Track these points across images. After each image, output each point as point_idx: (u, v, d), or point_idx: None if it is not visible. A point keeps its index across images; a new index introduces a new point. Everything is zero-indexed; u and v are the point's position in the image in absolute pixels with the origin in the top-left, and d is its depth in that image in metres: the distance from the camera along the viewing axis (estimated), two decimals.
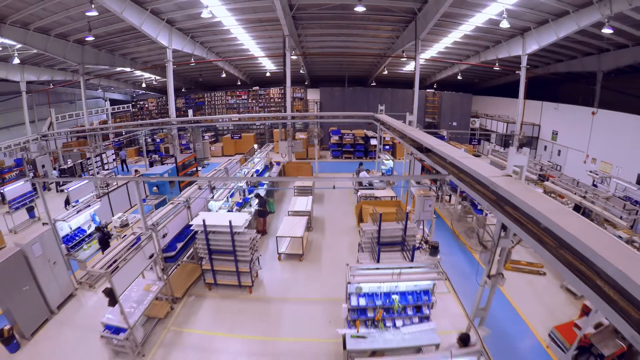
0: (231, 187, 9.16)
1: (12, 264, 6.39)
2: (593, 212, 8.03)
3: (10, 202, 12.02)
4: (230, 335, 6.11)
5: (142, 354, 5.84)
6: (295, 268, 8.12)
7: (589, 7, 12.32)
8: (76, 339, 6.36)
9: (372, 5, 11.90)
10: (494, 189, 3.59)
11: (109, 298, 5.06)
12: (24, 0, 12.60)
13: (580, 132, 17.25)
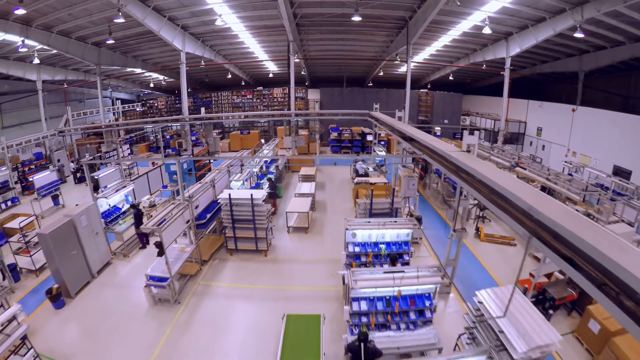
0: (246, 173, 10.61)
1: (64, 231, 7.77)
2: (555, 191, 9.53)
3: (38, 190, 13.43)
4: (251, 286, 7.55)
5: (179, 302, 7.25)
6: (301, 238, 9.62)
7: (563, 13, 13.89)
8: (116, 296, 7.72)
9: (367, 14, 13.43)
10: (452, 160, 5.01)
11: (158, 249, 6.48)
12: (52, 5, 14.02)
13: (562, 128, 18.80)
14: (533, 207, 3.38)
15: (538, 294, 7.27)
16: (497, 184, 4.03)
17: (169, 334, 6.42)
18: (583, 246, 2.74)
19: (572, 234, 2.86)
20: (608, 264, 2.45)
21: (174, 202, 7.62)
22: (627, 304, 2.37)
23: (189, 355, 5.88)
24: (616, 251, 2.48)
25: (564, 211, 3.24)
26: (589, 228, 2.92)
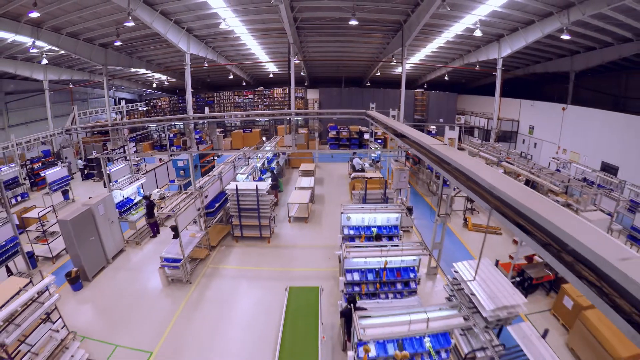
0: (250, 167, 11.35)
1: (83, 219, 8.50)
2: (538, 184, 10.28)
3: (50, 184, 14.16)
4: (256, 268, 8.30)
5: (190, 282, 7.99)
6: (301, 227, 10.37)
7: (550, 16, 14.66)
8: (131, 278, 8.45)
9: (364, 18, 14.19)
10: (433, 152, 5.74)
11: (174, 232, 7.21)
12: (63, 9, 14.73)
13: (552, 126, 19.56)
14: (493, 186, 4.12)
15: (518, 274, 8.02)
16: (467, 169, 4.76)
17: (182, 310, 7.15)
18: (531, 214, 3.47)
19: (522, 205, 3.61)
20: (550, 227, 3.17)
21: (186, 192, 8.35)
22: (566, 258, 3.10)
23: (201, 328, 6.61)
24: (557, 217, 3.21)
25: (519, 188, 3.98)
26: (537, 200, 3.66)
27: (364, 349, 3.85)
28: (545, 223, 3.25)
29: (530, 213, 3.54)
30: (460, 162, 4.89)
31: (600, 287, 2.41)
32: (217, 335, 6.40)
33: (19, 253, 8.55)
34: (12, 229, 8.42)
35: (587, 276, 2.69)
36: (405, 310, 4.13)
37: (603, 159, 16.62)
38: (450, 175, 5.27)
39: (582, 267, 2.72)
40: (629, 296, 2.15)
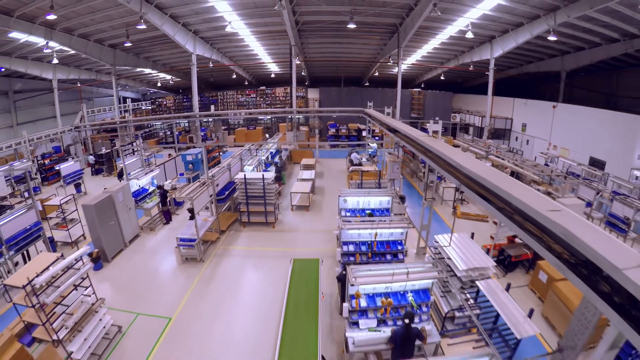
0: (256, 160, 12.29)
1: (105, 204, 9.41)
2: (522, 174, 11.20)
3: (64, 177, 15.09)
4: (262, 249, 9.22)
5: (203, 260, 8.90)
6: (303, 214, 11.30)
7: (538, 19, 15.60)
8: (148, 259, 9.35)
9: (361, 21, 15.14)
10: (419, 142, 6.66)
11: (190, 214, 8.12)
12: (77, 12, 15.68)
13: (544, 123, 20.48)
14: (461, 165, 5.05)
15: (499, 253, 8.92)
16: (443, 154, 5.71)
17: (196, 284, 8.06)
18: (491, 186, 4.39)
19: (482, 178, 4.53)
20: (505, 195, 4.08)
21: (200, 180, 9.27)
22: (517, 218, 4.00)
23: (214, 298, 7.51)
24: (506, 185, 4.13)
25: (481, 167, 4.91)
26: (494, 175, 4.59)
27: (355, 294, 4.74)
28: (498, 190, 4.20)
29: (487, 183, 4.50)
30: (439, 149, 5.83)
31: (537, 235, 3.34)
32: (229, 304, 7.31)
33: (41, 237, 9.45)
34: (36, 215, 9.35)
35: (528, 227, 3.63)
36: (390, 266, 5.03)
37: (591, 155, 17.53)
38: (432, 160, 6.21)
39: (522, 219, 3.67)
40: (558, 239, 3.07)
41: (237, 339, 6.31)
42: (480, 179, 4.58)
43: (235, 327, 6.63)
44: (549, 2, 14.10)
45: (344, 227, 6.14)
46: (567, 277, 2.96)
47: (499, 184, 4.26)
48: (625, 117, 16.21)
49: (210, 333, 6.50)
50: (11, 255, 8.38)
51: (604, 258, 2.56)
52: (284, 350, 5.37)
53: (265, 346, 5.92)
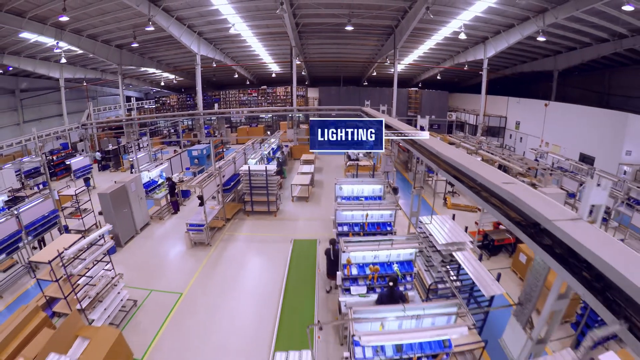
0: (259, 154, 13.12)
1: (119, 193, 10.20)
2: (509, 167, 12.00)
3: (74, 171, 15.92)
4: (265, 235, 10.02)
5: (210, 244, 9.70)
6: (303, 205, 12.12)
7: (528, 20, 16.39)
8: (159, 244, 10.16)
9: (359, 23, 15.97)
10: (407, 135, 7.46)
11: (200, 201, 8.92)
12: (88, 13, 16.49)
13: (536, 121, 21.26)
14: (440, 152, 5.86)
15: (483, 238, 9.71)
16: (426, 143, 6.52)
17: (205, 265, 8.86)
18: (464, 169, 5.18)
19: (459, 164, 5.33)
20: (475, 176, 4.87)
21: (208, 171, 10.08)
22: (484, 194, 4.80)
23: (222, 276, 8.31)
24: (475, 167, 4.93)
25: (456, 153, 5.71)
26: (465, 159, 5.39)
27: (347, 261, 5.54)
28: (468, 171, 5.02)
29: (459, 165, 5.31)
30: (422, 140, 6.64)
31: (497, 205, 4.15)
32: (236, 280, 8.11)
33: (57, 225, 10.26)
34: (53, 203, 10.17)
35: (486, 197, 4.44)
36: (377, 237, 5.83)
37: (581, 151, 18.31)
38: (417, 150, 7.03)
39: (484, 191, 4.48)
40: (513, 207, 3.87)
41: (243, 310, 7.10)
42: (453, 162, 5.39)
43: (241, 300, 7.42)
44: (537, 4, 14.89)
45: (339, 208, 6.94)
46: (519, 237, 3.76)
47: (467, 165, 5.08)
48: (613, 114, 17.00)
49: (218, 306, 7.30)
50: (30, 241, 9.17)
51: (539, 213, 3.37)
52: (285, 316, 6.19)
53: (269, 314, 6.71)
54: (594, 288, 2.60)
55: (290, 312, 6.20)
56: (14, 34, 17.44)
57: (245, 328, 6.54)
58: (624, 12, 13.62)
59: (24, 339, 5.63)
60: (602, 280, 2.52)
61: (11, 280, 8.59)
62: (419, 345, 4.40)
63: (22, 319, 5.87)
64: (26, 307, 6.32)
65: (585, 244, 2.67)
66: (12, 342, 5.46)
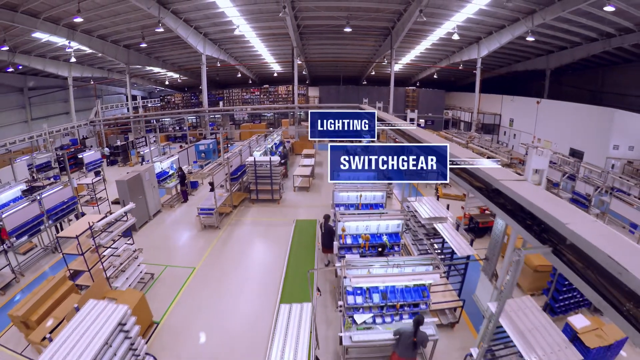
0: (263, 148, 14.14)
1: (135, 181, 11.16)
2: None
3: (86, 165, 16.90)
4: (269, 219, 11.00)
5: (219, 227, 10.67)
6: (304, 194, 13.12)
7: (518, 21, 17.39)
8: (171, 228, 11.13)
9: (357, 25, 16.98)
10: (396, 126, 8.45)
11: (211, 186, 9.90)
12: (100, 15, 17.51)
13: (529, 118, 22.24)
14: (422, 138, 6.84)
15: (469, 221, 10.67)
16: (411, 131, 7.51)
17: (214, 245, 9.83)
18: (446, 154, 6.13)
19: (439, 147, 6.29)
20: (455, 159, 5.83)
21: (217, 161, 11.07)
22: (464, 175, 5.77)
23: (230, 254, 9.28)
24: (461, 155, 5.89)
25: (434, 138, 6.70)
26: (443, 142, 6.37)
27: (342, 229, 6.51)
28: (454, 157, 5.97)
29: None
30: (408, 130, 7.64)
31: (465, 178, 5.13)
32: (243, 256, 9.08)
33: (75, 211, 11.22)
34: (72, 191, 11.14)
35: (458, 172, 5.41)
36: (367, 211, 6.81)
37: (571, 146, 19.28)
38: (404, 138, 8.02)
39: (457, 169, 5.45)
40: (480, 180, 4.84)
41: (250, 280, 8.07)
42: (468, 164, 6.37)
43: (249, 272, 8.40)
44: (525, 6, 15.89)
45: (336, 189, 7.92)
46: (482, 201, 4.74)
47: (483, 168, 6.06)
48: (600, 110, 17.99)
49: (228, 277, 8.27)
50: (50, 224, 10.11)
51: (491, 176, 4.36)
52: (287, 283, 7.15)
53: (273, 283, 7.67)
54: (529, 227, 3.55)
55: (292, 279, 7.15)
56: (26, 34, 18.40)
57: (252, 292, 7.52)
58: (609, 12, 14.54)
59: (53, 303, 6.40)
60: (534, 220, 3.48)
61: (30, 262, 9.34)
62: (401, 294, 5.37)
63: (51, 287, 6.64)
64: (53, 277, 7.13)
65: (522, 194, 3.66)
66: (42, 306, 6.27)
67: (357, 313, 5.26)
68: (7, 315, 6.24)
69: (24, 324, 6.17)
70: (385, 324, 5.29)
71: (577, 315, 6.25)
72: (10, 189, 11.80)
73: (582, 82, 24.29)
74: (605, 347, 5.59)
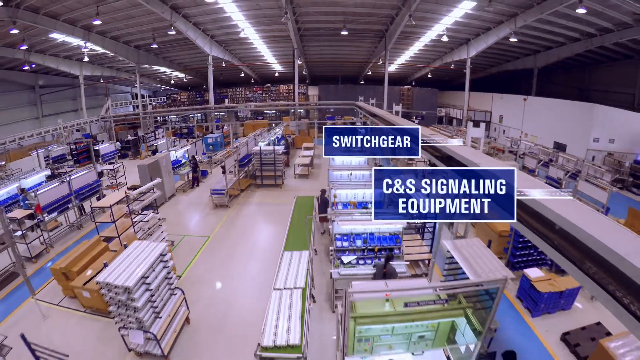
0: (267, 140, 15.84)
1: (154, 166, 12.80)
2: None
3: (102, 156, 18.56)
4: (272, 200, 12.64)
5: (229, 207, 12.31)
6: (304, 180, 14.80)
7: (502, 23, 19.04)
8: (186, 208, 12.77)
9: (353, 28, 18.69)
10: (385, 118, 10.11)
11: (223, 170, 11.55)
12: (115, 18, 19.21)
13: (517, 114, 23.84)
14: (395, 122, 8.49)
15: None
16: (395, 121, 9.14)
17: (225, 220, 11.46)
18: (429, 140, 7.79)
19: (437, 143, 7.95)
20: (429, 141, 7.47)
21: (227, 149, 12.71)
22: (436, 154, 7.40)
23: (240, 226, 10.90)
24: (432, 137, 7.55)
25: (407, 122, 8.34)
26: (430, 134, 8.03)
27: (334, 196, 8.13)
28: (438, 146, 7.61)
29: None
30: (394, 120, 9.30)
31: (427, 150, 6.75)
32: (252, 227, 10.72)
33: (98, 193, 12.84)
34: (96, 174, 12.78)
35: (430, 151, 7.03)
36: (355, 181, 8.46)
37: (555, 139, 20.87)
38: (382, 122, 9.66)
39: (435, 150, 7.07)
40: (434, 147, 6.48)
41: (258, 246, 9.70)
42: (427, 138, 7.98)
43: (256, 240, 10.03)
44: (507, 9, 17.56)
45: (330, 169, 9.57)
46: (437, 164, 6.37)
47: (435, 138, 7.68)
48: (581, 105, 19.61)
49: (239, 242, 9.90)
50: (77, 204, 11.72)
51: (440, 144, 5.99)
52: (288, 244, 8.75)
53: (277, 247, 9.28)
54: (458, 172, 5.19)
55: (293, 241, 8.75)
56: (44, 34, 20.06)
57: (259, 252, 9.16)
58: (584, 14, 15.95)
59: (90, 259, 7.87)
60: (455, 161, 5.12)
61: (57, 238, 10.77)
62: (378, 240, 6.98)
63: (87, 247, 8.13)
64: (88, 241, 8.70)
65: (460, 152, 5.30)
66: (80, 261, 7.73)
67: (344, 255, 6.87)
68: (49, 269, 7.71)
69: (64, 275, 7.51)
70: (366, 264, 6.90)
71: (532, 268, 7.79)
72: (37, 174, 13.53)
73: (571, 80, 25.93)
74: (557, 293, 6.80)
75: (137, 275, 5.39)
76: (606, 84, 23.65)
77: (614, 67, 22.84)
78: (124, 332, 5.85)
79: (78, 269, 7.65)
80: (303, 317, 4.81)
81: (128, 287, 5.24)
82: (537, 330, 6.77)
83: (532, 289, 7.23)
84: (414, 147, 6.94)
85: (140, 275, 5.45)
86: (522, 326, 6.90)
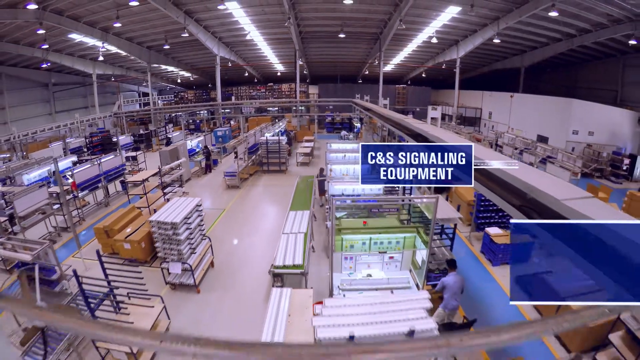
0: (272, 132, 17.93)
1: (174, 152, 14.88)
2: None
3: (121, 147, 20.58)
4: (277, 183, 14.73)
5: (240, 187, 14.36)
6: (305, 167, 16.94)
7: (487, 26, 21.12)
8: (201, 189, 14.84)
9: (350, 31, 20.82)
10: (376, 111, 12.17)
11: (235, 155, 13.62)
12: (131, 20, 21.31)
13: (505, 111, 25.86)
14: (393, 117, 10.56)
15: None
16: (386, 113, 11.21)
17: (236, 200, 13.51)
18: (404, 123, 9.90)
19: (402, 121, 10.05)
20: (401, 122, 9.57)
21: (238, 139, 14.79)
22: (420, 139, 9.46)
23: (250, 202, 12.95)
24: (416, 125, 9.64)
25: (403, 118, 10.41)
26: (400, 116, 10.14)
27: (329, 170, 10.19)
28: (407, 124, 9.74)
29: (403, 122, 10.04)
30: (385, 112, 11.37)
31: (406, 132, 8.84)
32: (261, 203, 12.78)
33: (123, 177, 14.85)
34: (121, 160, 14.82)
35: (402, 130, 9.15)
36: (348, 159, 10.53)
37: (538, 133, 22.87)
38: (383, 120, 11.76)
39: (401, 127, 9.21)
40: (409, 129, 8.57)
41: (267, 214, 11.75)
42: (400, 121, 10.06)
43: (265, 212, 12.08)
44: (490, 14, 19.65)
45: (328, 152, 11.66)
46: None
47: (396, 118, 9.77)
48: (560, 101, 21.64)
49: (251, 212, 11.95)
50: (104, 184, 13.72)
51: (408, 124, 8.09)
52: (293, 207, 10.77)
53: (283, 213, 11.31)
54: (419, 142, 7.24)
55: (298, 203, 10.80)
56: (64, 34, 22.06)
57: (269, 217, 11.24)
58: (559, 16, 17.83)
59: (127, 221, 9.72)
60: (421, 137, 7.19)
61: (85, 214, 12.45)
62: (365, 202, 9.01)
63: (123, 213, 10.04)
64: (123, 209, 10.72)
65: (423, 128, 7.38)
66: (119, 222, 9.53)
67: (337, 212, 8.88)
68: (93, 229, 9.42)
69: (106, 233, 9.32)
70: None
71: (492, 227, 9.77)
72: (65, 159, 15.65)
73: (558, 78, 27.99)
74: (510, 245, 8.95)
75: (182, 215, 7.44)
76: (591, 82, 25.69)
77: (598, 65, 24.87)
78: (165, 265, 7.83)
79: (118, 227, 9.63)
80: (305, 249, 6.83)
81: (175, 223, 7.26)
82: (496, 276, 8.69)
83: (492, 243, 9.19)
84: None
85: (184, 216, 7.49)
86: (485, 274, 8.83)
